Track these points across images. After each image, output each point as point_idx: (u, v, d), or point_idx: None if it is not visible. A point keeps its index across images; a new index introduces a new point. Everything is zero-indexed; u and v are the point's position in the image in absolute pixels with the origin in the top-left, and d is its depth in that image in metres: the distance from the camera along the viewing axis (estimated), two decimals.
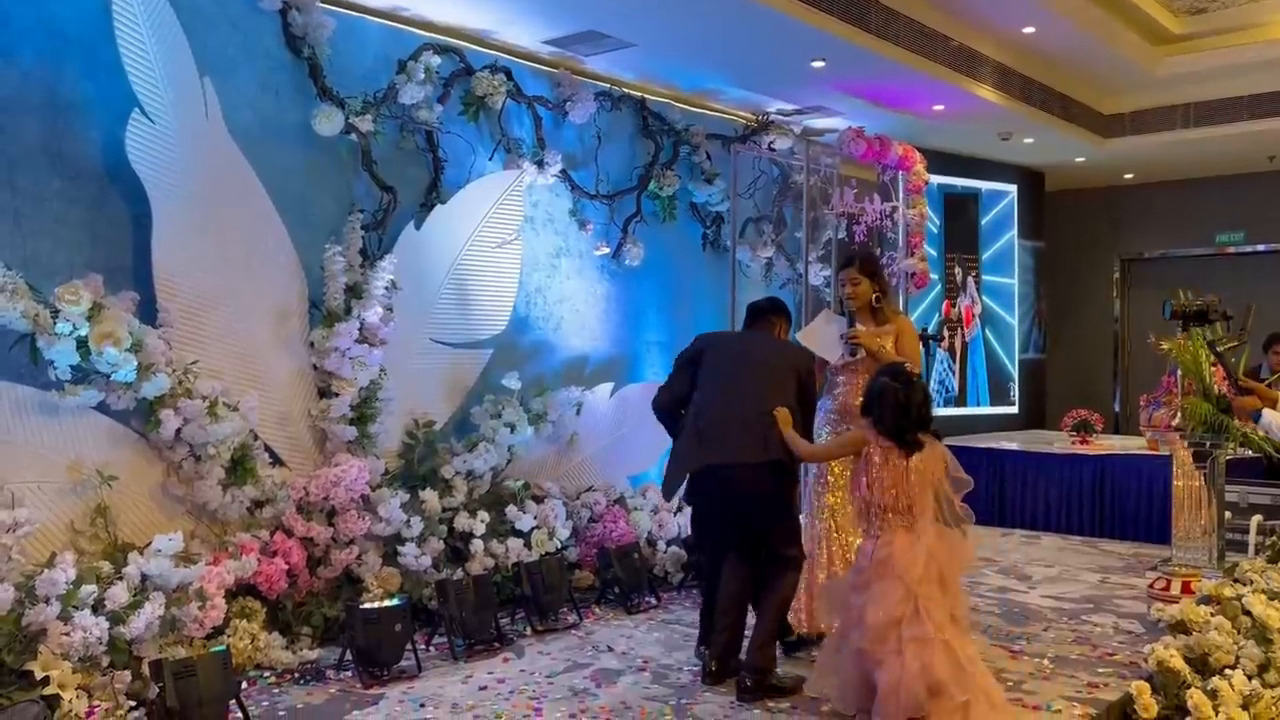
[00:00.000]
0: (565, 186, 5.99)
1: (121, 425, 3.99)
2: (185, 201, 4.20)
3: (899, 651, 3.24)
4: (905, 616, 3.27)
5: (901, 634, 3.26)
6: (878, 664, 3.26)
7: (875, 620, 3.29)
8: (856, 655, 3.35)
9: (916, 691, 3.20)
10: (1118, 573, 5.90)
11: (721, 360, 4.11)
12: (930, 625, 3.26)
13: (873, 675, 3.29)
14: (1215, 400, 5.39)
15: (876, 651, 3.27)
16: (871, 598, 3.33)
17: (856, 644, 3.33)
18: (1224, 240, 10.39)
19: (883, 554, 3.38)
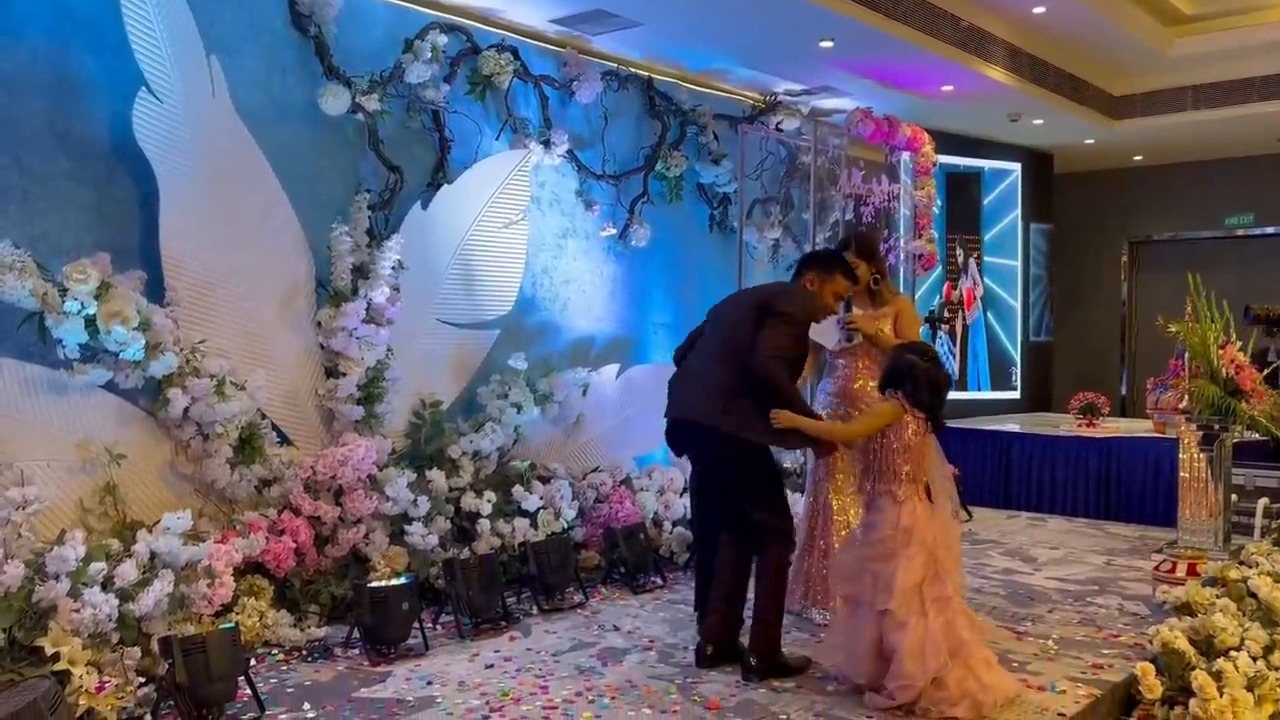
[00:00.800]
0: (572, 167, 5.97)
1: (130, 404, 4.00)
2: (192, 180, 4.20)
3: (923, 613, 3.38)
4: (927, 579, 3.42)
5: (924, 595, 3.40)
6: (900, 626, 3.36)
7: (904, 584, 3.38)
8: (878, 619, 3.41)
9: (941, 649, 3.34)
10: (1123, 555, 5.91)
11: (710, 313, 4.18)
12: (950, 586, 3.45)
13: (891, 639, 3.37)
14: (1223, 383, 5.39)
15: (901, 613, 3.37)
16: (900, 563, 3.41)
17: (882, 606, 3.40)
18: (1233, 222, 10.34)
19: (907, 521, 3.48)
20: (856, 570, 3.53)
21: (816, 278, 4.04)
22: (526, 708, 3.42)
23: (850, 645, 3.50)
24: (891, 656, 3.38)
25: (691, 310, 6.74)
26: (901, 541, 3.45)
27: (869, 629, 3.44)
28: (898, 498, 3.52)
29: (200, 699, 3.25)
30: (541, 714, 3.36)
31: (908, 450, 3.54)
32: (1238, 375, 5.39)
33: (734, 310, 4.00)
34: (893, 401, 3.59)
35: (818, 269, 4.08)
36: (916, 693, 3.33)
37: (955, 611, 3.46)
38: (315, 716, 3.35)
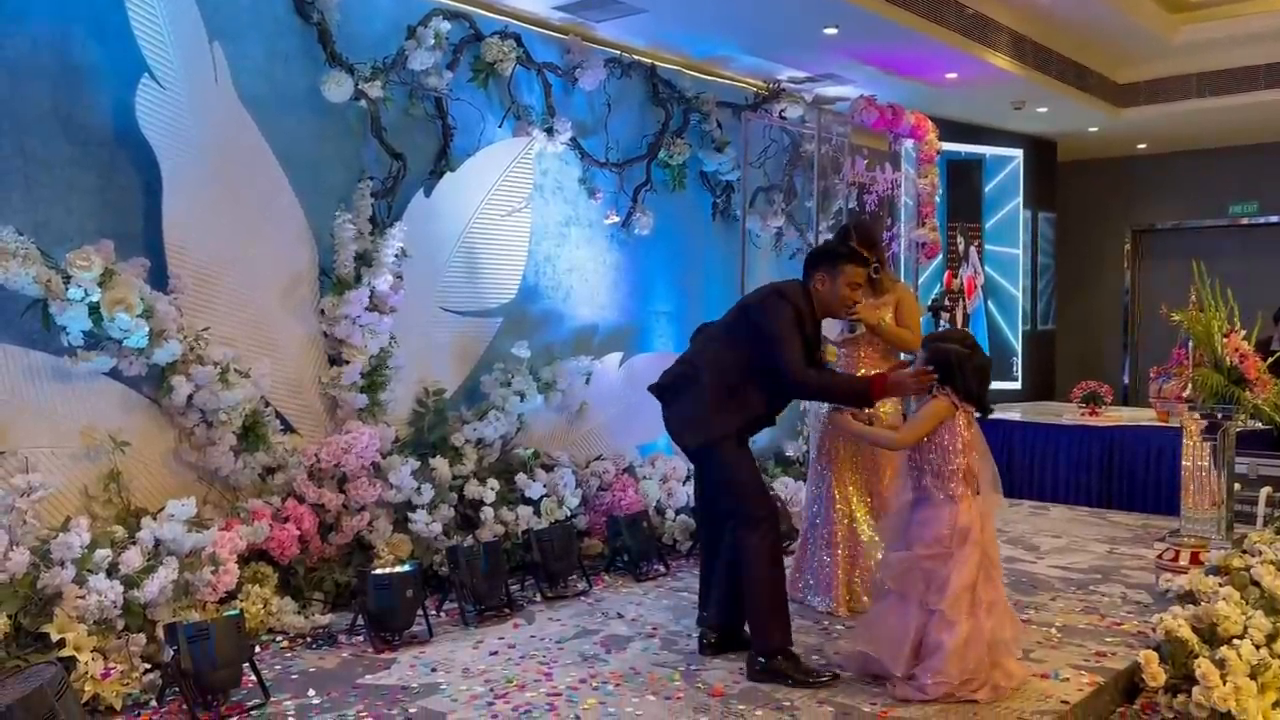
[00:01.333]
0: (575, 154, 5.96)
1: (134, 391, 4.00)
2: (195, 167, 4.19)
3: (973, 614, 3.40)
4: (980, 580, 3.44)
5: (976, 596, 3.41)
6: (950, 625, 3.37)
7: (958, 585, 3.39)
8: (924, 615, 3.42)
9: (983, 649, 3.38)
10: (1126, 543, 5.91)
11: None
12: (1000, 589, 3.49)
13: (937, 638, 3.37)
14: (1227, 372, 5.38)
15: (951, 614, 3.38)
16: (956, 564, 3.41)
17: (935, 605, 3.40)
18: (1237, 211, 10.32)
19: (964, 521, 3.46)
20: (908, 567, 3.48)
21: (826, 275, 3.84)
22: (531, 694, 3.43)
23: (893, 637, 3.45)
24: (930, 651, 3.38)
25: (694, 299, 6.75)
26: (957, 541, 3.43)
27: (914, 623, 3.43)
28: (954, 496, 3.49)
29: (205, 685, 3.26)
30: (546, 701, 3.37)
31: (965, 447, 3.51)
32: (1242, 364, 5.38)
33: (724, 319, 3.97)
34: (943, 398, 3.53)
35: (825, 267, 3.87)
36: (951, 689, 3.34)
37: (1005, 613, 3.47)
38: (320, 703, 3.36)
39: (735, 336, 3.77)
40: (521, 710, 3.28)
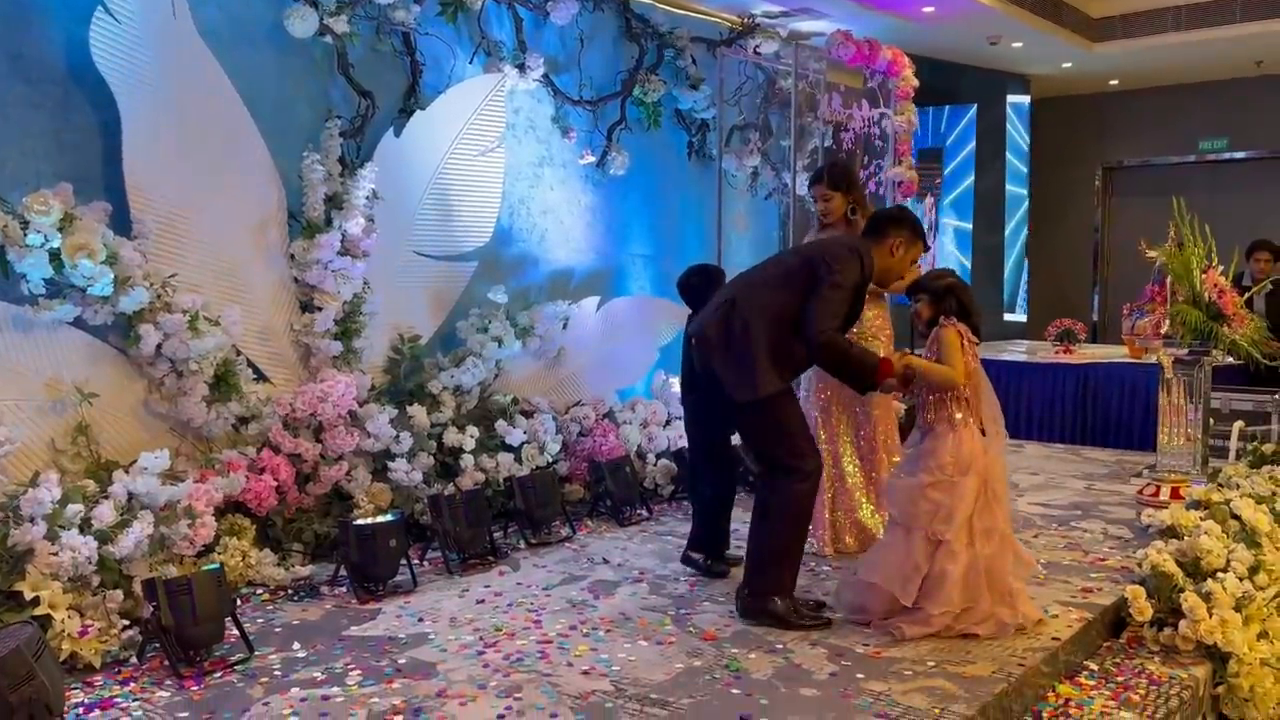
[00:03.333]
0: (547, 92, 5.79)
1: (99, 341, 3.86)
2: (155, 106, 4.01)
3: (970, 543, 3.41)
4: (977, 509, 3.43)
5: (973, 525, 3.42)
6: (954, 555, 3.38)
7: (963, 516, 3.40)
8: (930, 546, 3.41)
9: (981, 580, 3.39)
10: (1103, 480, 5.96)
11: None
12: (1000, 516, 3.47)
13: (944, 568, 3.38)
14: (1205, 307, 5.39)
15: (956, 544, 3.39)
16: (958, 494, 3.41)
17: (941, 536, 3.40)
18: (1206, 147, 10.34)
19: (966, 449, 3.46)
20: (913, 496, 3.47)
21: (903, 243, 3.63)
22: (521, 642, 3.38)
23: (902, 568, 3.43)
24: (935, 582, 3.38)
25: (671, 241, 6.64)
26: (959, 470, 3.43)
27: (920, 554, 3.42)
28: (955, 425, 3.48)
29: (187, 641, 3.18)
30: (537, 648, 3.32)
31: (968, 376, 3.49)
32: (1220, 299, 5.40)
33: (778, 261, 3.83)
34: (950, 328, 3.52)
35: (907, 233, 3.64)
36: (952, 621, 3.36)
37: (1004, 542, 3.47)
38: (306, 656, 3.29)
39: (793, 287, 3.49)
40: (513, 658, 3.23)
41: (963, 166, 9.89)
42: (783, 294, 3.51)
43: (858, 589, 3.59)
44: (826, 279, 3.44)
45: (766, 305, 3.50)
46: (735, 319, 3.49)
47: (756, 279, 3.68)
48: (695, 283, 4.29)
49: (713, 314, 3.59)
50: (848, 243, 3.63)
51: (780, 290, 3.53)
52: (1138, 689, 3.28)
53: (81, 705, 2.90)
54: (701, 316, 3.69)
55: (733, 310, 3.51)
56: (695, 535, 4.21)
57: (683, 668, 3.15)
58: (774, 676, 3.08)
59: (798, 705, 2.87)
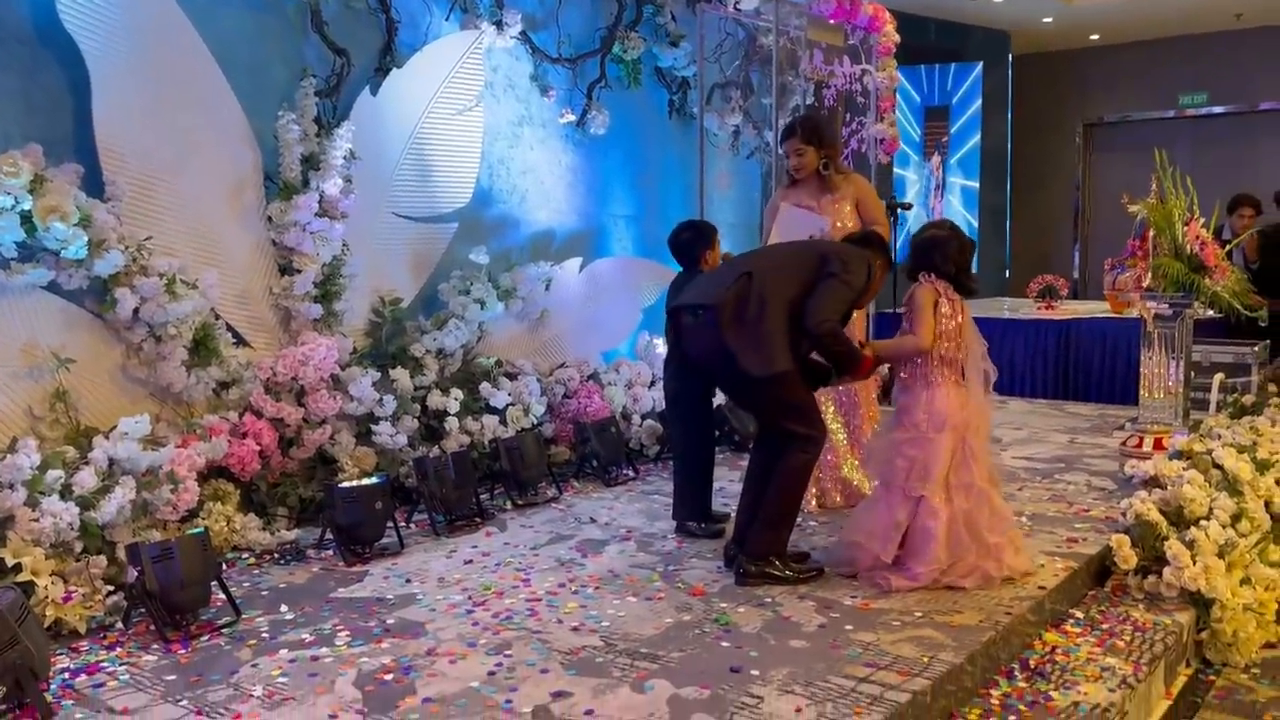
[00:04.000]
0: (525, 49, 5.71)
1: (75, 306, 3.79)
2: (126, 65, 3.92)
3: (948, 499, 3.41)
4: (953, 465, 3.43)
5: (949, 481, 3.42)
6: (934, 512, 3.38)
7: (939, 471, 3.40)
8: (910, 503, 3.42)
9: (964, 535, 3.39)
10: (1085, 433, 5.99)
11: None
12: (978, 472, 3.45)
13: (926, 524, 3.39)
14: (1187, 259, 5.40)
15: (935, 500, 3.39)
16: (934, 450, 3.41)
17: (918, 492, 3.41)
18: (1186, 102, 10.33)
19: (940, 405, 3.45)
20: (890, 454, 3.49)
21: (882, 266, 3.69)
22: (510, 601, 3.37)
23: (883, 525, 3.45)
24: (919, 539, 3.39)
25: (653, 201, 6.60)
26: (934, 427, 3.43)
27: (900, 511, 3.43)
28: (931, 381, 3.47)
29: (173, 605, 3.15)
30: (526, 606, 3.32)
31: (944, 334, 3.47)
32: (1202, 251, 5.41)
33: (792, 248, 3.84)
34: (926, 285, 3.50)
35: (885, 255, 3.75)
36: (938, 575, 3.37)
37: (981, 496, 3.46)
38: (294, 618, 3.27)
39: (804, 278, 3.47)
40: (502, 617, 3.23)
41: (969, 125, 9.86)
42: (796, 282, 3.46)
43: (845, 546, 3.61)
44: (837, 273, 3.45)
45: (783, 285, 3.46)
46: (753, 294, 3.42)
47: (774, 263, 3.63)
48: (687, 238, 4.25)
49: (727, 284, 3.47)
50: (859, 252, 3.62)
51: (795, 280, 3.47)
52: (1123, 635, 3.31)
53: (67, 670, 2.88)
54: (707, 288, 3.57)
55: (749, 284, 3.44)
56: (684, 500, 4.18)
57: (672, 622, 3.16)
58: (763, 629, 3.09)
59: (787, 657, 2.88)
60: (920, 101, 9.87)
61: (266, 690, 2.72)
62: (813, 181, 4.42)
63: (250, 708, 2.61)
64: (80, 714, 2.61)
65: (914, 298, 3.52)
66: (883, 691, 2.63)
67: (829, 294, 3.43)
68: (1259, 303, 6.50)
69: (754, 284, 3.43)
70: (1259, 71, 9.81)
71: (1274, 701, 3.19)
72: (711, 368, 3.69)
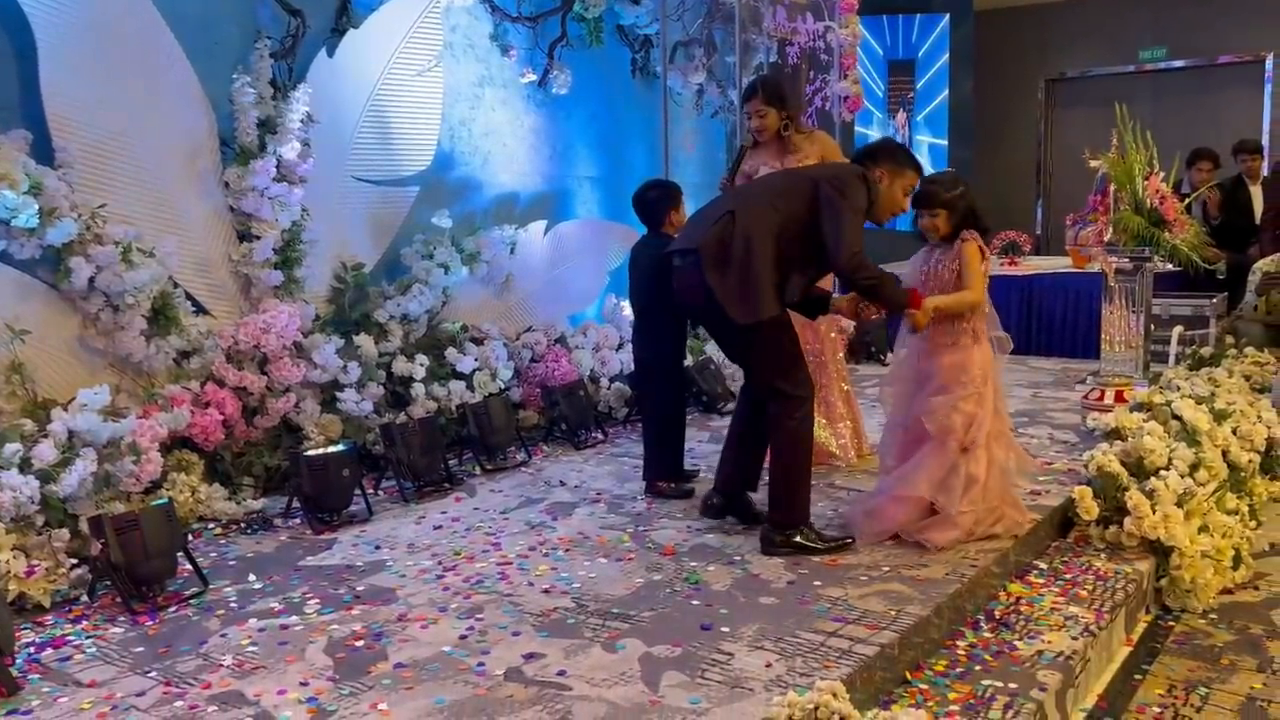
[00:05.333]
0: (485, 8, 5.62)
1: (28, 276, 3.71)
2: (72, 29, 3.82)
3: (988, 447, 3.48)
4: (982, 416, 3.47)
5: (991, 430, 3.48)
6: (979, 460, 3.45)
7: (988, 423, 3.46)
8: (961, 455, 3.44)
9: (1002, 482, 3.51)
10: (1048, 387, 6.06)
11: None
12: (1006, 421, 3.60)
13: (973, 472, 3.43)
14: (1147, 214, 5.44)
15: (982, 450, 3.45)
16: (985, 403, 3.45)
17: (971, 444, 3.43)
18: (1146, 57, 10.36)
19: (985, 359, 3.49)
20: (949, 411, 3.45)
21: (887, 174, 3.42)
22: (480, 565, 3.38)
23: (945, 478, 3.44)
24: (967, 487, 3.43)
25: (617, 162, 6.55)
26: (984, 379, 3.47)
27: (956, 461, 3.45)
28: (978, 336, 3.49)
29: (138, 577, 3.13)
30: (496, 570, 3.32)
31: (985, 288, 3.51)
32: (1161, 205, 5.45)
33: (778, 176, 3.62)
34: (973, 241, 3.49)
35: (888, 163, 3.44)
36: (975, 521, 3.45)
37: (1010, 446, 3.59)
38: (262, 587, 3.26)
39: (797, 203, 3.28)
40: (473, 581, 3.23)
41: (936, 80, 9.77)
42: (785, 209, 3.28)
43: (882, 505, 3.54)
44: (840, 201, 3.24)
45: (769, 221, 3.26)
46: (736, 235, 3.23)
47: (755, 193, 3.47)
48: (653, 196, 4.20)
49: (708, 228, 3.29)
50: (851, 168, 3.41)
51: (783, 206, 3.29)
52: (1085, 585, 3.37)
53: (33, 644, 2.85)
54: (692, 231, 3.43)
55: (732, 224, 3.25)
56: (655, 461, 4.18)
57: (643, 582, 3.17)
58: (733, 587, 3.11)
59: (758, 613, 2.90)
60: (884, 55, 9.71)
61: (236, 660, 2.71)
62: (775, 143, 4.39)
63: (220, 677, 2.60)
64: (47, 688, 2.59)
65: (965, 255, 3.49)
66: (851, 645, 2.67)
67: (838, 223, 3.22)
68: (1217, 256, 6.59)
69: (737, 223, 3.25)
70: (1217, 25, 9.86)
71: (1231, 646, 3.27)
72: (698, 314, 3.53)
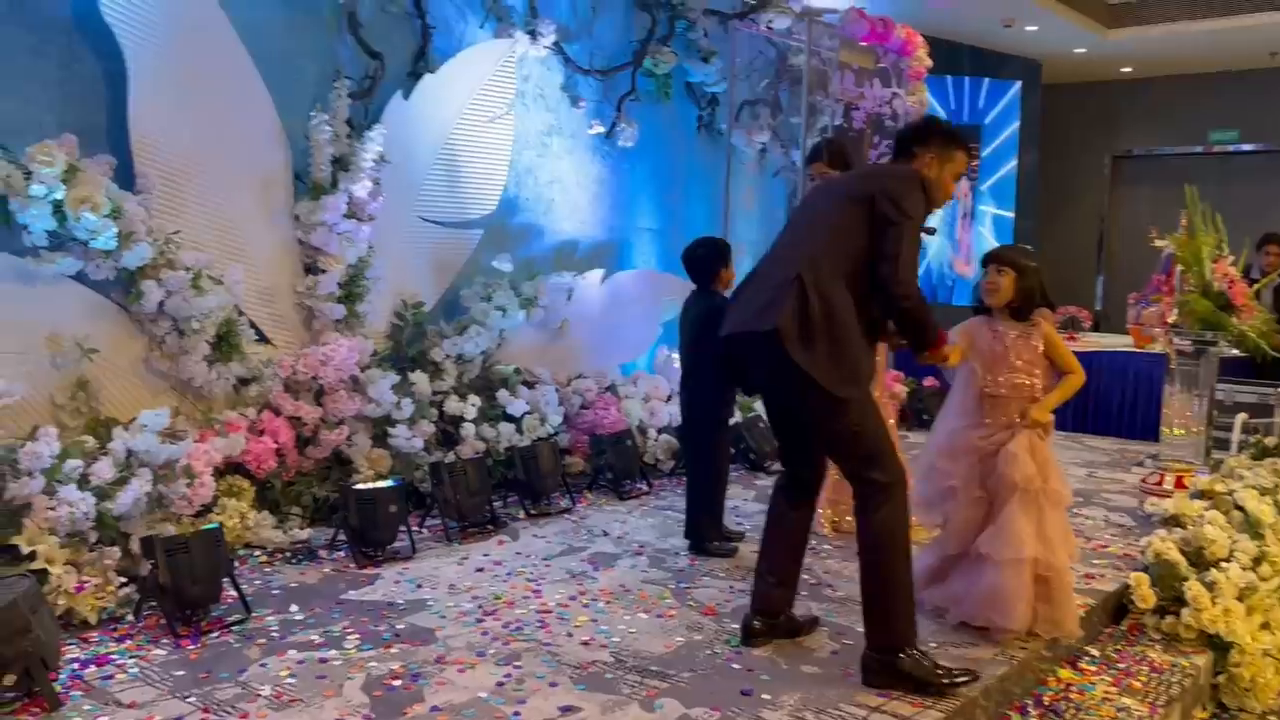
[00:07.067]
0: (558, 60, 5.72)
1: (101, 296, 3.80)
2: (162, 59, 3.94)
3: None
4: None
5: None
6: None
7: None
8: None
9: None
10: (1104, 468, 5.94)
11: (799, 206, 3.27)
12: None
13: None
14: (1214, 297, 5.36)
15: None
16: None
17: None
18: (1217, 139, 10.27)
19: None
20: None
21: (937, 159, 3.01)
22: (520, 611, 3.36)
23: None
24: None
25: (677, 215, 6.59)
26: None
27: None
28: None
29: (184, 600, 3.15)
30: (536, 617, 3.30)
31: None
32: (1230, 289, 5.37)
33: (821, 216, 3.02)
34: (1046, 323, 3.42)
35: (936, 146, 3.02)
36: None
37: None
38: (304, 619, 3.27)
39: (857, 241, 2.86)
40: (512, 627, 3.21)
41: (1004, 149, 9.42)
42: (848, 245, 2.87)
43: (999, 586, 3.21)
44: (898, 218, 2.81)
45: (839, 270, 2.85)
46: (813, 302, 2.79)
47: (814, 238, 2.96)
48: (702, 254, 4.21)
49: (777, 300, 2.83)
50: (907, 175, 2.96)
51: (845, 243, 2.88)
52: (1139, 676, 3.27)
53: (77, 661, 2.88)
54: (755, 301, 2.93)
55: (804, 290, 2.81)
56: (698, 518, 4.14)
57: (683, 641, 3.13)
58: (774, 653, 3.06)
59: (800, 682, 2.85)
60: (948, 119, 9.64)
61: (274, 691, 2.71)
62: None
63: (258, 707, 2.60)
64: (88, 706, 2.61)
65: (1047, 338, 3.38)
66: None
67: (897, 242, 2.79)
68: None
69: (809, 287, 2.81)
70: None
71: None
72: (778, 394, 3.05)
